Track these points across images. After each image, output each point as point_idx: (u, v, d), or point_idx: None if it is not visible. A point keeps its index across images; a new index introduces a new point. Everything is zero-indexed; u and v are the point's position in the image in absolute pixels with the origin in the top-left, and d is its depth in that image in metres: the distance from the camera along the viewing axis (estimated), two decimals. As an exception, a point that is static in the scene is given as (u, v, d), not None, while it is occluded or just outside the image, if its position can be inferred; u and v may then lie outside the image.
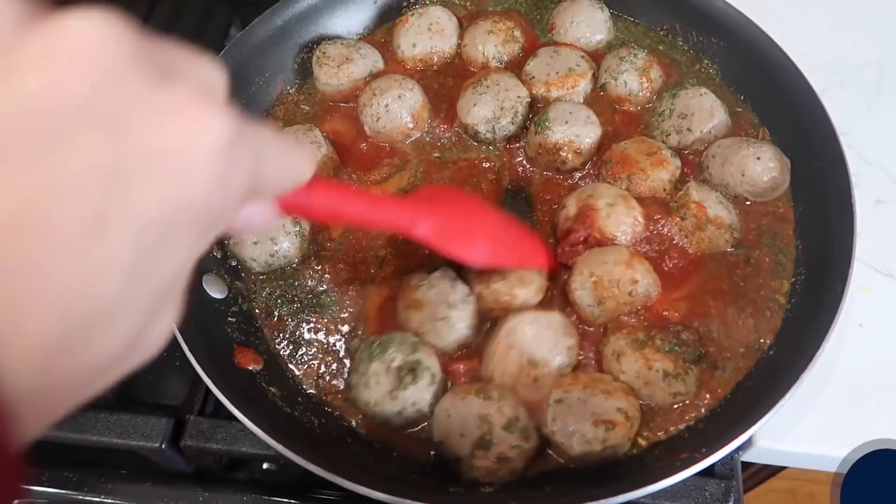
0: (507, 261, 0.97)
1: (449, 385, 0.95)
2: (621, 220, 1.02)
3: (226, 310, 1.04)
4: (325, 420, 0.96)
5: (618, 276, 0.95)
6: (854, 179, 1.01)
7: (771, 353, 0.95)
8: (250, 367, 0.99)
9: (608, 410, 0.87)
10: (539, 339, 0.94)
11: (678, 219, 1.03)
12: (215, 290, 1.05)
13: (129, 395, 1.15)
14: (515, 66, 1.24)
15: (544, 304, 1.00)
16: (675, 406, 0.92)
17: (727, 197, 1.06)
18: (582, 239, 1.02)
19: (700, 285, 1.02)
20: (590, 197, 1.04)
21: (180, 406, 1.08)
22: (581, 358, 0.97)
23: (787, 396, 0.84)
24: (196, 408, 1.07)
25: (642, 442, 0.91)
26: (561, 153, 1.11)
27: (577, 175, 1.13)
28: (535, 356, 0.93)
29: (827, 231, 0.99)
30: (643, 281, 0.96)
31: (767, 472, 1.33)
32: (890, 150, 1.27)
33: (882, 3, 1.46)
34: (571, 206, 1.05)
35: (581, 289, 0.98)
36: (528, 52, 1.26)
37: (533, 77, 1.19)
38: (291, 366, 1.01)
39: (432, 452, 0.91)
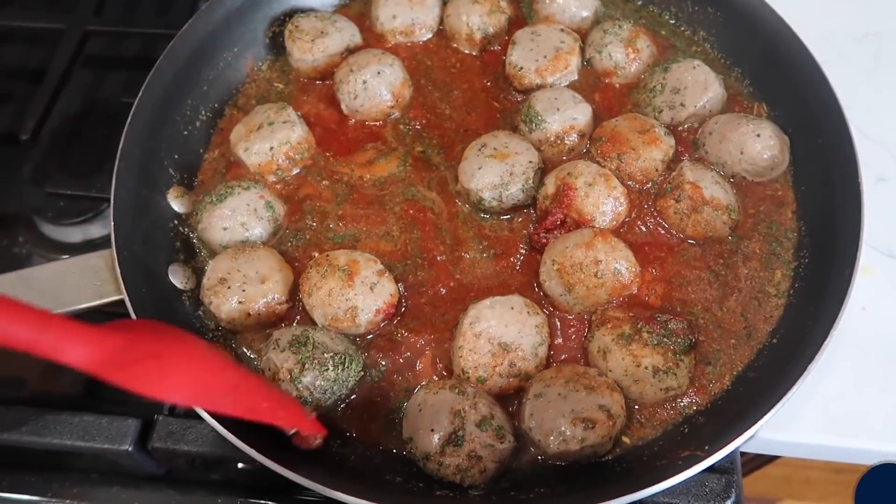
0: (220, 405, 0.75)
1: None
2: (601, 201, 0.96)
3: (194, 302, 0.97)
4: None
5: (579, 259, 0.90)
6: (856, 148, 0.95)
7: (774, 341, 0.90)
8: (221, 363, 0.92)
9: (589, 407, 0.81)
10: (505, 322, 0.89)
11: (672, 201, 0.97)
12: (181, 280, 0.98)
13: (93, 393, 1.09)
14: (499, 42, 1.18)
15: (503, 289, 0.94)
16: (668, 400, 0.88)
17: (724, 176, 1.01)
18: (559, 222, 0.96)
19: (686, 272, 0.97)
20: (568, 175, 0.98)
21: (149, 405, 1.02)
22: (559, 342, 0.92)
23: (794, 389, 0.79)
24: (166, 406, 1.01)
25: (628, 440, 0.86)
26: (566, 141, 1.05)
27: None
28: (506, 339, 0.88)
29: (831, 212, 0.94)
30: (607, 260, 0.90)
31: (763, 459, 1.29)
32: (891, 124, 1.22)
33: (880, -27, 1.40)
34: (550, 185, 0.99)
35: (548, 279, 0.93)
36: (516, 24, 1.20)
37: (521, 68, 1.12)
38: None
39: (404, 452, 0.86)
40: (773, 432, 0.97)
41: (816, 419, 0.97)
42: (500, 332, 0.88)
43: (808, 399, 0.98)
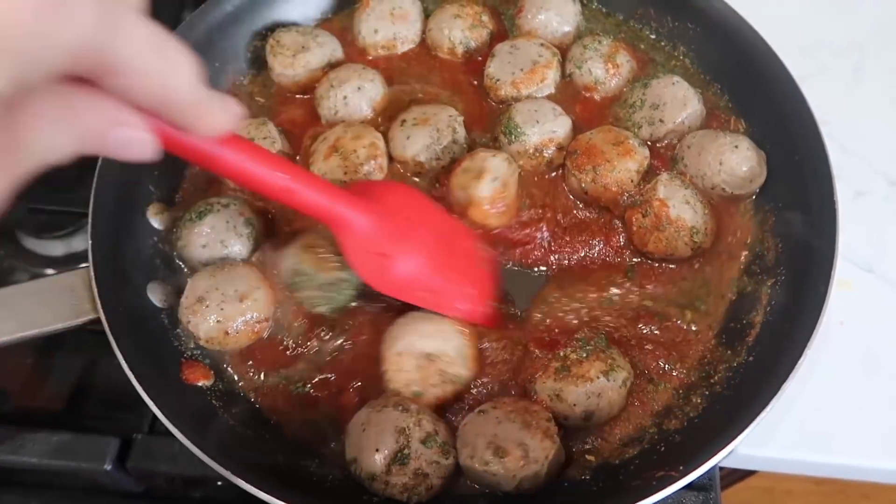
0: (437, 296, 0.91)
1: None
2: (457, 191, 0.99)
3: (173, 320, 0.97)
4: (284, 444, 0.91)
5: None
6: (834, 171, 0.96)
7: (750, 358, 0.90)
8: (199, 384, 0.92)
9: (511, 439, 0.81)
10: (424, 334, 0.89)
11: (639, 214, 0.98)
12: (160, 298, 0.98)
13: (74, 408, 1.09)
14: (481, 55, 1.18)
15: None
16: (632, 403, 0.90)
17: (702, 194, 1.01)
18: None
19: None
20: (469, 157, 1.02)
21: (128, 423, 1.02)
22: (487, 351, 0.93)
23: (768, 409, 0.79)
24: (146, 424, 1.01)
25: (593, 458, 0.87)
26: (545, 153, 1.05)
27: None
28: (429, 350, 0.88)
29: (807, 229, 0.94)
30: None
31: (745, 471, 1.30)
32: (871, 138, 1.23)
33: (861, -14, 1.41)
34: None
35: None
36: (498, 38, 1.20)
37: (498, 80, 1.12)
38: (243, 382, 0.95)
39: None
40: (750, 448, 0.97)
41: (793, 434, 0.98)
42: (421, 344, 0.89)
43: (785, 414, 0.98)
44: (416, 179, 1.07)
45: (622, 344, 0.93)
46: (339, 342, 0.95)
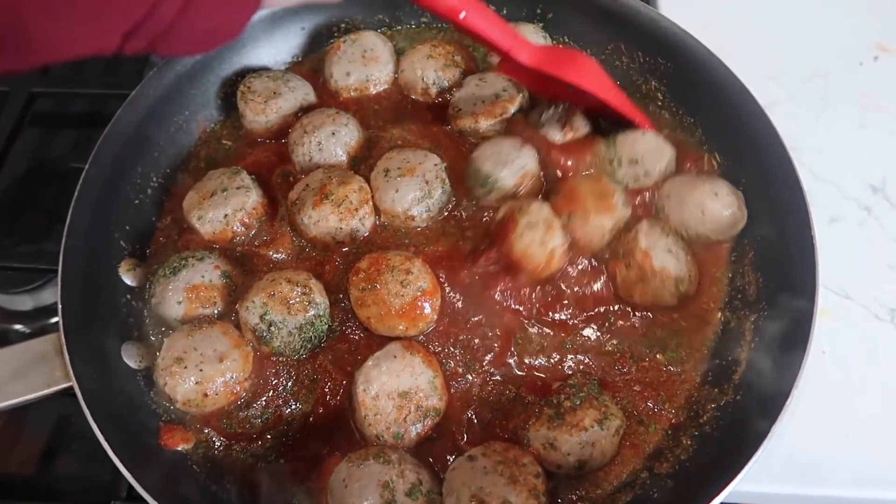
0: (608, 96, 1.03)
1: None
2: (532, 248, 0.94)
3: (149, 381, 0.94)
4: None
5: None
6: (807, 198, 0.97)
7: (738, 397, 0.90)
8: (179, 448, 0.89)
9: (496, 495, 0.80)
10: (394, 373, 0.88)
11: (623, 266, 0.97)
12: (135, 359, 0.95)
13: (44, 474, 1.05)
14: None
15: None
16: (624, 445, 0.89)
17: (685, 241, 1.00)
18: (493, 260, 0.96)
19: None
20: (519, 210, 0.97)
21: (103, 488, 0.98)
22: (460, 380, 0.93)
23: (757, 454, 0.79)
24: (123, 490, 0.98)
25: None
26: (521, 189, 1.04)
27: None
28: (403, 388, 0.88)
29: (787, 264, 0.94)
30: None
31: None
32: (840, 164, 1.24)
33: (824, 15, 1.44)
34: (501, 210, 1.00)
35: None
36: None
37: (460, 110, 1.12)
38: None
39: None
40: (743, 485, 0.96)
41: (781, 468, 0.97)
42: (394, 384, 0.88)
43: (776, 447, 0.98)
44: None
45: (612, 387, 0.92)
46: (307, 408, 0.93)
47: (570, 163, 1.05)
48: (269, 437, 0.92)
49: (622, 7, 1.17)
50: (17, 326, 1.20)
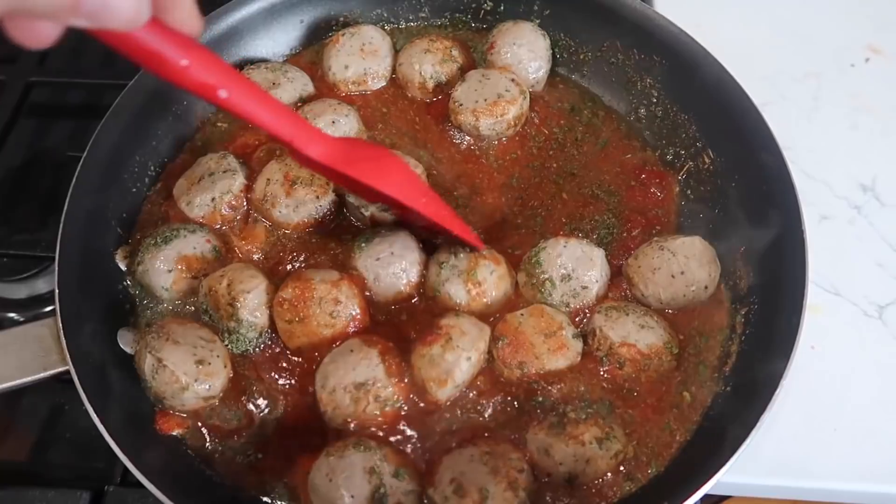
0: (418, 204, 0.89)
1: None
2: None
3: (144, 367, 0.94)
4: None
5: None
6: (799, 196, 0.98)
7: (727, 389, 0.91)
8: (174, 433, 0.90)
9: (474, 482, 0.80)
10: (350, 366, 0.88)
11: (615, 368, 0.92)
12: (132, 345, 0.95)
13: (38, 461, 1.05)
14: (452, 88, 1.18)
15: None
16: (620, 467, 0.87)
17: (650, 309, 0.98)
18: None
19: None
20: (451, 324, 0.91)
21: (99, 473, 0.99)
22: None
23: (744, 445, 0.80)
24: (118, 474, 0.98)
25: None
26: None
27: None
28: (358, 379, 0.87)
29: (777, 259, 0.95)
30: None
31: (719, 497, 1.31)
32: (832, 163, 1.26)
33: (816, 17, 1.46)
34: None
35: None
36: (466, 72, 1.20)
37: (461, 104, 1.13)
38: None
39: None
40: (729, 476, 0.97)
41: (769, 461, 0.99)
42: (350, 377, 0.87)
43: (764, 440, 0.99)
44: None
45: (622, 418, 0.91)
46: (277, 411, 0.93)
47: None
48: (244, 434, 0.92)
49: (619, 4, 1.18)
50: (12, 315, 1.20)
